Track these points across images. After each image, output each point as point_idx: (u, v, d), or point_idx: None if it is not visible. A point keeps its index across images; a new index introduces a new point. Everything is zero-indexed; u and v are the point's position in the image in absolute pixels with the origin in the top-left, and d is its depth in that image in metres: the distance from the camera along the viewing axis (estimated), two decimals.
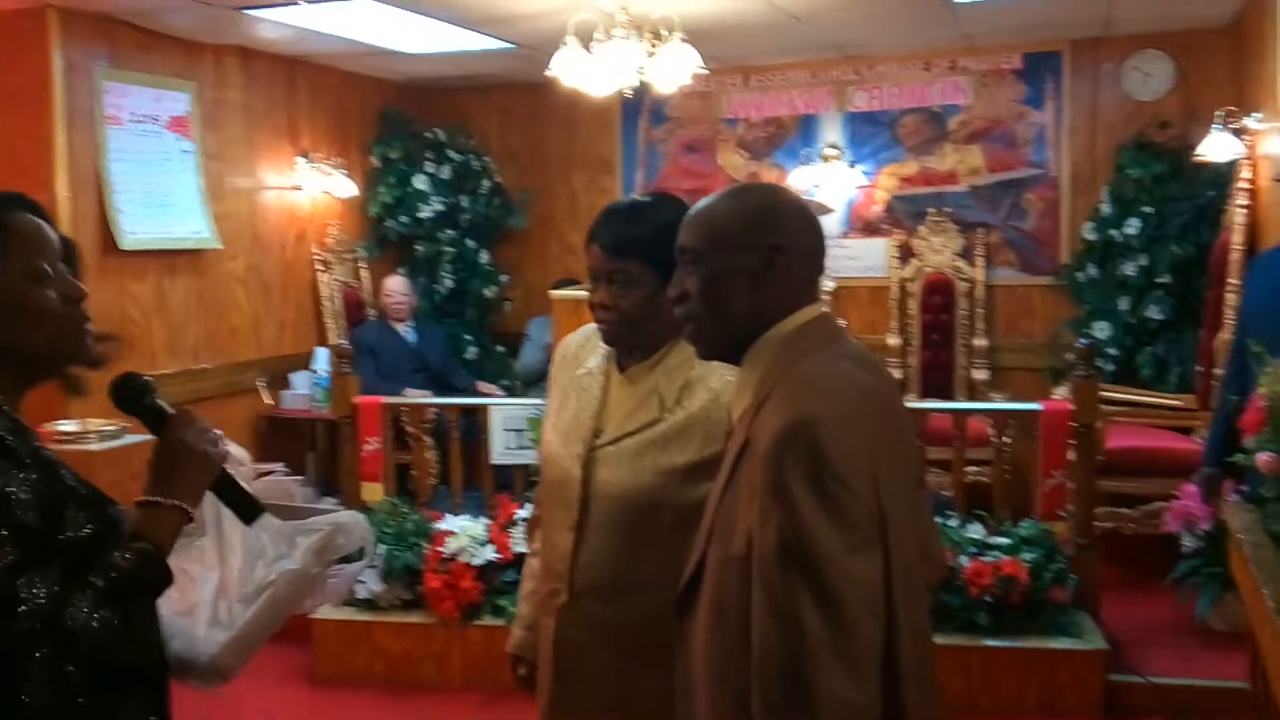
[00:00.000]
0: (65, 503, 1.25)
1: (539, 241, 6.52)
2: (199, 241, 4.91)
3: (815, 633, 1.19)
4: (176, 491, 1.31)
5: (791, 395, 1.29)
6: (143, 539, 1.27)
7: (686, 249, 1.41)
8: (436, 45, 5.15)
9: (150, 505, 1.30)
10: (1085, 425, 3.74)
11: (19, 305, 1.28)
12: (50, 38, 4.23)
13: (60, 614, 1.17)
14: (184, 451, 1.34)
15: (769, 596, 1.22)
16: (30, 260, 1.30)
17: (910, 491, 1.39)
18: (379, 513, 4.06)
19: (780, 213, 1.41)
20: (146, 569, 1.25)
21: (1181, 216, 5.25)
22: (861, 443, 1.26)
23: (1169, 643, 3.82)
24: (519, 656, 1.96)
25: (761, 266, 1.37)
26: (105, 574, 1.22)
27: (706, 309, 1.39)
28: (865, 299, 6.03)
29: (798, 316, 1.38)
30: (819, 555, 1.20)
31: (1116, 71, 5.58)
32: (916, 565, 1.35)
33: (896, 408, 1.42)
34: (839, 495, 1.22)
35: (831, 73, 6.00)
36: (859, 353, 1.42)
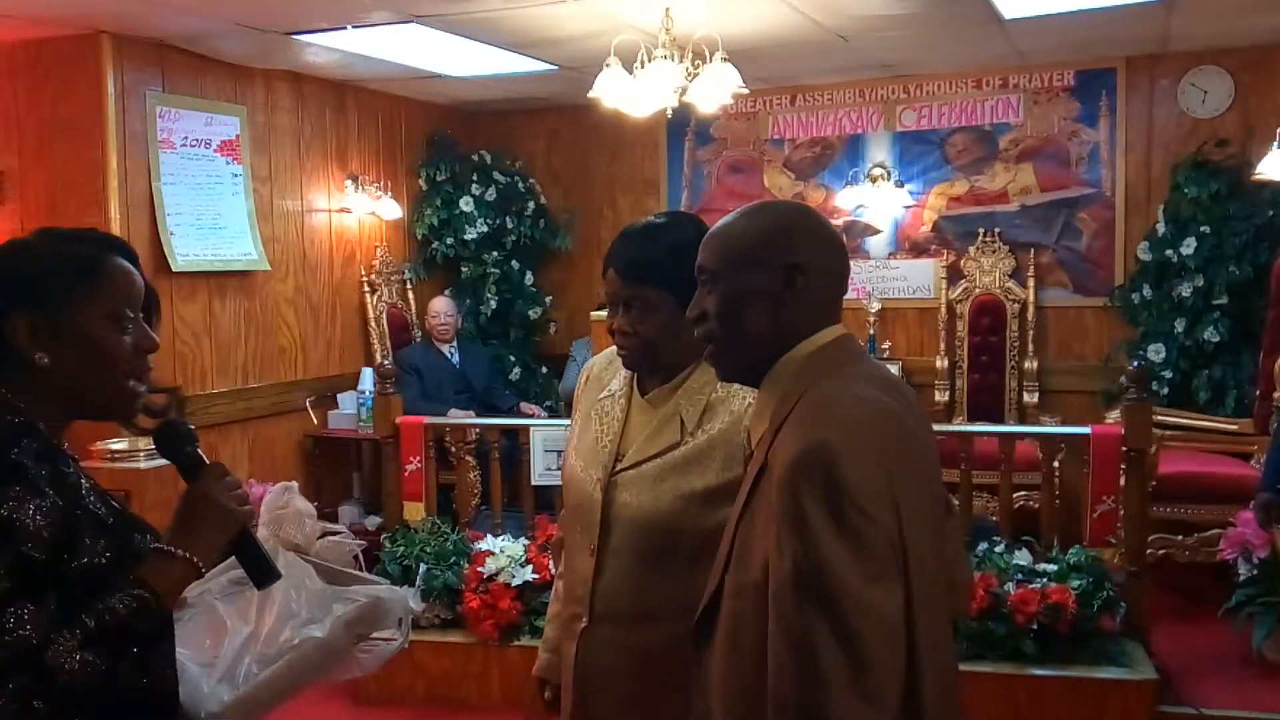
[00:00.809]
0: (82, 530, 1.24)
1: (583, 263, 6.53)
2: (248, 263, 5.00)
3: (831, 666, 1.15)
4: (192, 544, 1.30)
5: (809, 419, 1.26)
6: (146, 586, 1.26)
7: (705, 269, 1.40)
8: (481, 68, 5.21)
9: (163, 553, 1.30)
10: (1137, 450, 3.66)
11: (93, 345, 1.31)
12: (104, 63, 4.35)
13: (42, 650, 1.16)
14: (207, 504, 1.34)
15: (784, 628, 1.19)
16: (114, 304, 1.33)
17: (934, 518, 1.34)
18: (420, 532, 4.09)
19: (800, 231, 1.38)
20: (141, 617, 1.23)
21: (1240, 236, 5.12)
22: (880, 469, 1.23)
23: (1222, 674, 3.71)
24: (544, 679, 1.96)
25: (780, 286, 1.34)
26: (98, 616, 1.20)
27: (725, 329, 1.37)
28: (913, 320, 5.96)
29: (818, 337, 1.35)
30: (836, 585, 1.17)
31: (1173, 88, 5.46)
32: (940, 595, 1.31)
33: (919, 432, 1.37)
34: (857, 523, 1.18)
35: (879, 91, 5.95)
36: (881, 375, 1.39)
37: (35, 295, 1.29)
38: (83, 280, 1.31)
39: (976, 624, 3.47)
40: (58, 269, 1.31)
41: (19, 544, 1.17)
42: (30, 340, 1.28)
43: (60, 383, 1.30)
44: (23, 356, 1.28)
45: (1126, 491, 3.67)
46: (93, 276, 1.32)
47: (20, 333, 1.28)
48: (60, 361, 1.29)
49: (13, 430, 1.25)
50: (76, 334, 1.30)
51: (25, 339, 1.28)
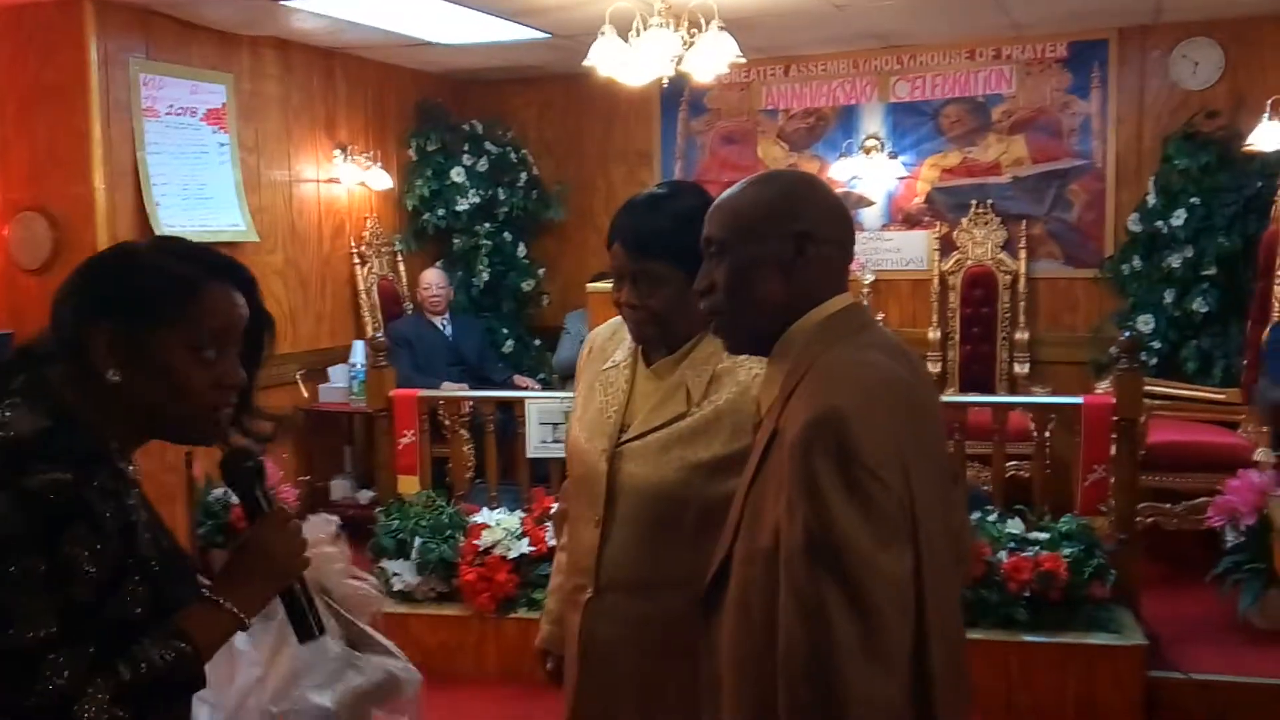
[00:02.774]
0: (129, 576, 1.19)
1: (577, 234, 6.51)
2: (236, 234, 4.95)
3: (843, 630, 1.16)
4: (241, 596, 1.26)
5: (819, 386, 1.26)
6: (188, 639, 1.20)
7: (713, 240, 1.39)
8: (472, 36, 5.15)
9: (209, 603, 1.25)
10: (1127, 419, 3.68)
11: (166, 372, 1.25)
12: (86, 30, 4.27)
13: (74, 702, 1.11)
14: (264, 554, 1.29)
15: (795, 592, 1.19)
16: (199, 334, 1.26)
17: (942, 486, 1.35)
18: (415, 505, 4.09)
19: (807, 199, 1.38)
20: (179, 672, 1.19)
21: (1229, 208, 5.13)
22: (891, 434, 1.23)
23: (1210, 639, 3.76)
24: (547, 651, 1.96)
25: (790, 255, 1.34)
26: (134, 668, 1.15)
27: (734, 301, 1.36)
28: (906, 292, 5.97)
29: (827, 306, 1.35)
30: (847, 550, 1.17)
31: (1164, 60, 5.46)
32: (948, 560, 1.32)
33: (928, 400, 1.38)
34: (868, 488, 1.19)
35: (873, 62, 5.92)
36: (890, 342, 1.39)
37: (122, 309, 1.24)
38: (174, 303, 1.24)
39: (970, 592, 3.50)
40: (152, 286, 1.24)
41: (72, 589, 1.13)
42: (105, 354, 1.23)
43: (130, 402, 1.24)
44: (96, 369, 1.23)
45: (1116, 460, 3.70)
46: (186, 301, 1.25)
47: (97, 345, 1.23)
48: (131, 382, 1.23)
49: (88, 458, 1.18)
50: (152, 357, 1.24)
51: (101, 352, 1.23)
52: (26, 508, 1.11)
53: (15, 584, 1.09)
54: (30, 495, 1.11)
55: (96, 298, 1.25)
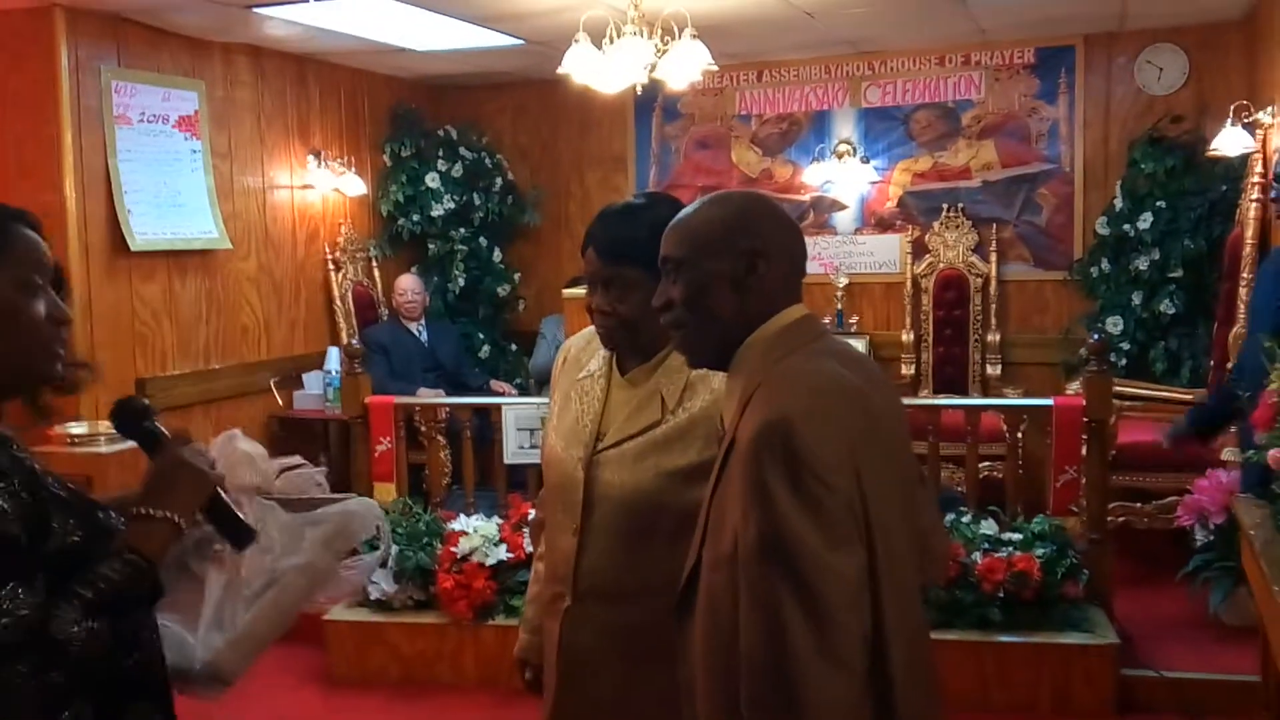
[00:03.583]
0: (50, 512, 1.25)
1: (552, 239, 6.52)
2: (209, 241, 4.93)
3: (797, 629, 1.20)
4: (168, 505, 1.31)
5: (771, 395, 1.31)
6: (134, 551, 1.27)
7: (669, 258, 1.43)
8: (446, 42, 5.15)
9: (141, 518, 1.30)
10: (1098, 420, 3.73)
11: (9, 313, 1.28)
12: (58, 37, 4.25)
13: (46, 625, 1.18)
14: (179, 468, 1.34)
15: (752, 594, 1.24)
16: (24, 271, 1.30)
17: (902, 488, 1.38)
18: (392, 513, 4.08)
19: (758, 217, 1.42)
20: (136, 581, 1.26)
21: (1194, 211, 5.22)
22: (840, 439, 1.27)
23: (1181, 637, 3.81)
24: (525, 660, 1.97)
25: (742, 271, 1.38)
26: (93, 585, 1.22)
27: (692, 316, 1.41)
28: (879, 295, 6.02)
29: (781, 318, 1.40)
30: (798, 552, 1.22)
31: (1130, 66, 5.55)
32: (907, 562, 1.35)
33: (883, 405, 1.41)
34: (817, 492, 1.23)
35: (845, 68, 5.98)
36: (842, 350, 1.44)
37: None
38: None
39: (945, 593, 3.54)
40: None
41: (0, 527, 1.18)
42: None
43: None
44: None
45: (1087, 461, 3.74)
46: (3, 244, 1.29)
47: None
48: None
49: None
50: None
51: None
52: None
53: None
54: None
55: None
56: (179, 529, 1.32)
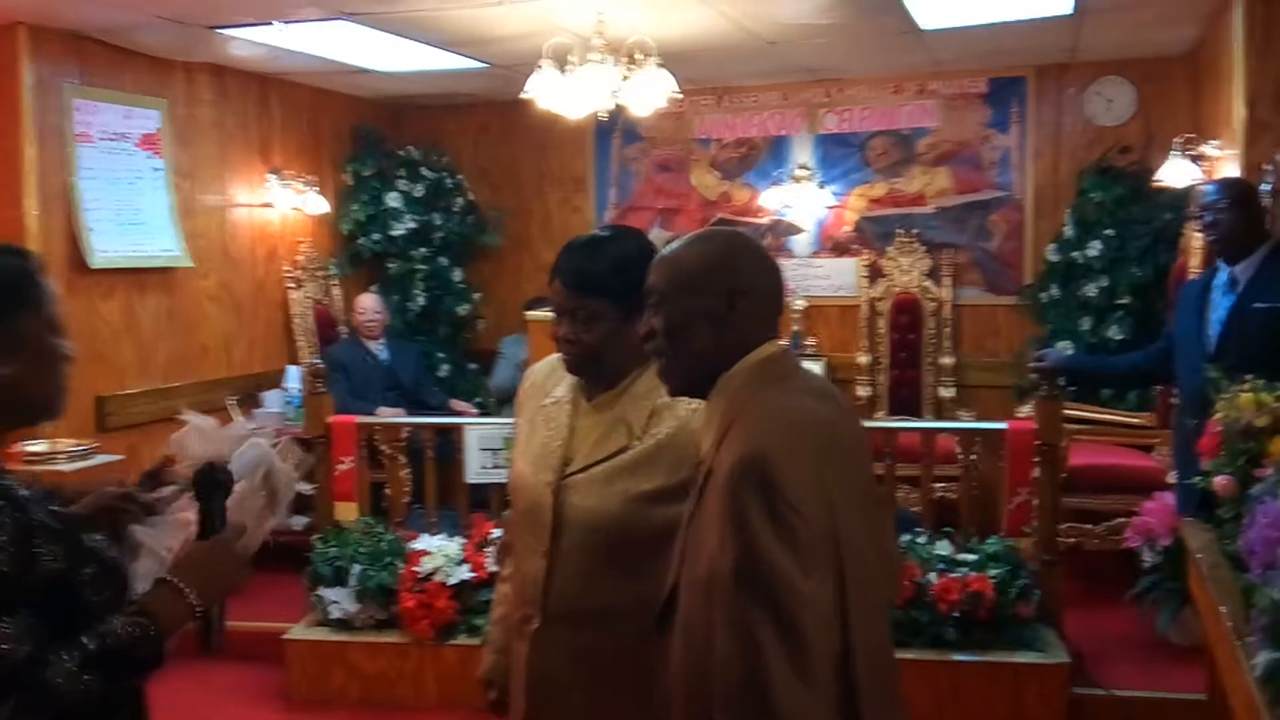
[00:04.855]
0: (37, 540, 1.26)
1: (512, 259, 6.55)
2: (170, 259, 4.89)
3: (771, 650, 1.26)
4: (199, 588, 1.35)
5: (748, 429, 1.37)
6: (150, 615, 1.29)
7: (654, 290, 1.50)
8: (410, 64, 5.18)
9: (169, 587, 1.33)
10: (1049, 444, 3.81)
11: (44, 352, 1.34)
12: (20, 54, 4.22)
13: (40, 668, 1.18)
14: (225, 559, 1.40)
15: (728, 617, 1.30)
16: (51, 312, 1.37)
17: (869, 511, 1.46)
18: (353, 532, 4.07)
19: (740, 258, 1.49)
20: (141, 648, 1.27)
21: (1141, 239, 5.37)
22: (814, 471, 1.34)
23: (1130, 656, 3.89)
24: (489, 680, 1.99)
25: (723, 309, 1.45)
26: (100, 639, 1.24)
27: (672, 347, 1.48)
28: (835, 318, 6.12)
29: (757, 353, 1.46)
30: (773, 578, 1.28)
31: (1079, 97, 5.71)
32: (875, 583, 1.42)
33: (853, 436, 1.49)
34: (792, 522, 1.29)
35: (803, 95, 6.09)
36: (815, 385, 1.51)
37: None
38: (26, 291, 1.34)
39: (901, 612, 3.60)
40: (10, 280, 1.33)
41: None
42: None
43: (14, 392, 1.31)
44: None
45: (1039, 484, 3.81)
46: (34, 290, 1.35)
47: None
48: (14, 370, 1.31)
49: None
50: (29, 344, 1.32)
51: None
52: None
53: None
54: None
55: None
56: (194, 614, 1.35)
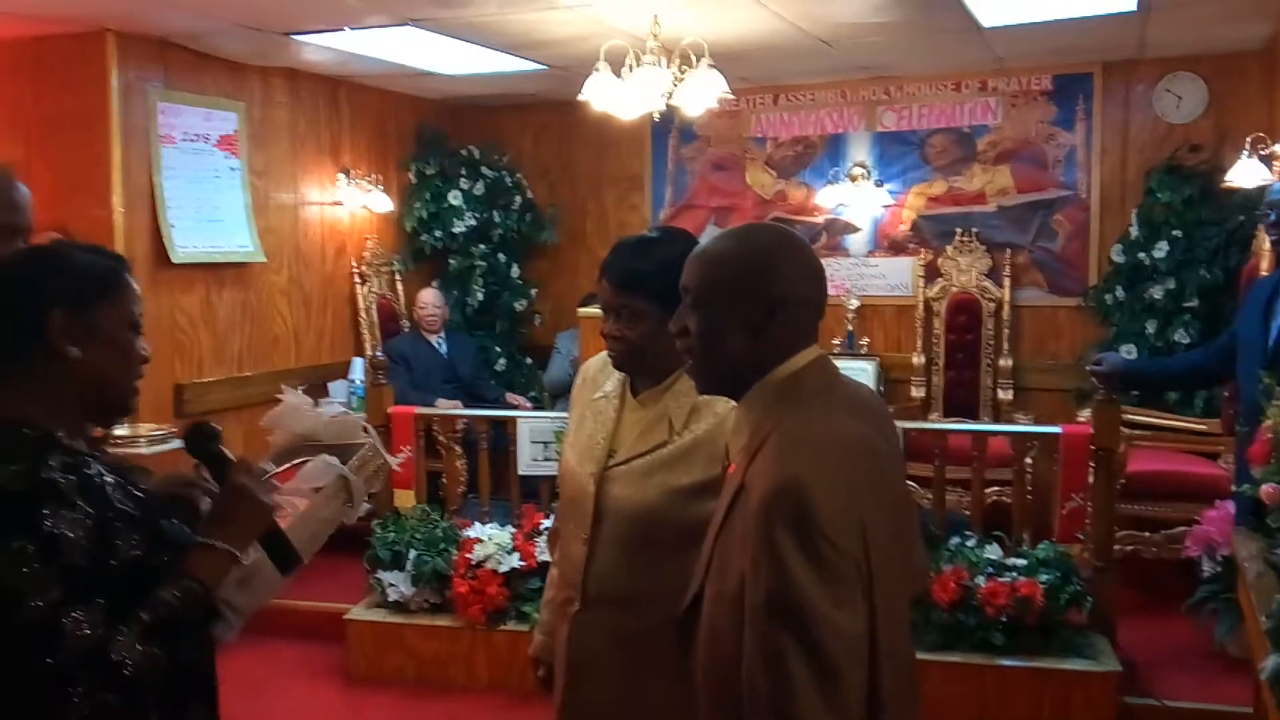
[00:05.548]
0: (115, 530, 1.34)
1: (569, 256, 6.64)
2: (245, 255, 5.08)
3: (802, 680, 1.26)
4: (229, 536, 1.43)
5: (784, 451, 1.34)
6: (193, 577, 1.38)
7: (688, 289, 1.46)
8: (472, 67, 5.29)
9: (204, 546, 1.42)
10: (1105, 449, 3.75)
11: (117, 345, 1.44)
12: (108, 61, 4.43)
13: (105, 646, 1.27)
14: (241, 497, 1.46)
15: (760, 645, 1.29)
16: (131, 313, 1.46)
17: (898, 526, 1.44)
18: (410, 519, 4.20)
19: (782, 262, 1.42)
20: (192, 606, 1.37)
21: (1211, 241, 5.24)
22: (849, 499, 1.32)
23: (1185, 667, 3.83)
24: (539, 659, 2.09)
25: (761, 318, 1.40)
26: (152, 609, 1.33)
27: (704, 350, 1.44)
28: (891, 317, 6.09)
29: (795, 361, 1.41)
30: (806, 610, 1.27)
31: (1148, 94, 5.58)
32: (902, 605, 1.42)
33: (887, 451, 1.47)
34: (826, 554, 1.28)
35: (860, 92, 6.06)
36: (853, 396, 1.47)
37: (71, 295, 1.40)
38: (109, 287, 1.44)
39: (948, 615, 3.59)
40: (89, 274, 1.43)
41: (63, 556, 1.27)
42: (64, 334, 1.38)
43: (85, 378, 1.40)
44: (56, 349, 1.38)
45: (1094, 489, 3.76)
46: (115, 286, 1.45)
47: (56, 327, 1.38)
48: (89, 357, 1.40)
49: (37, 447, 1.34)
50: (103, 334, 1.42)
51: (59, 333, 1.38)
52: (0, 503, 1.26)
53: (11, 564, 1.24)
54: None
55: (47, 289, 1.40)
56: (235, 558, 1.44)
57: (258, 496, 1.47)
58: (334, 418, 1.74)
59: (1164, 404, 5.23)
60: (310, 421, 1.69)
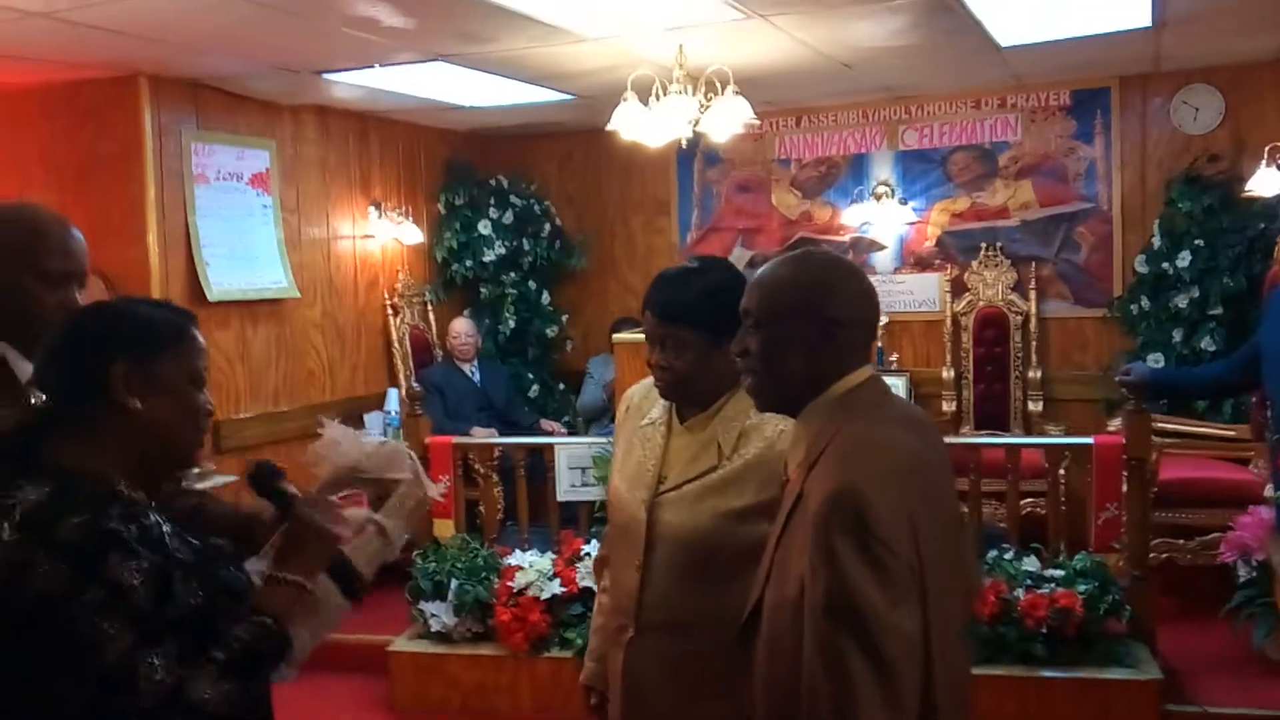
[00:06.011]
0: (175, 578, 1.37)
1: (598, 281, 6.72)
2: (279, 291, 5.18)
3: (860, 678, 1.32)
4: (295, 567, 1.49)
5: (841, 460, 1.43)
6: (263, 612, 1.43)
7: (750, 312, 1.55)
8: (500, 99, 5.38)
9: (273, 580, 1.48)
10: (1138, 458, 3.78)
11: (178, 399, 1.46)
12: (142, 103, 4.54)
13: (184, 688, 1.32)
14: (306, 530, 1.51)
15: (819, 646, 1.36)
16: (195, 367, 1.49)
17: (950, 538, 1.51)
18: (451, 548, 4.25)
19: (837, 286, 1.52)
20: (265, 641, 1.41)
21: (1233, 249, 5.27)
22: (902, 506, 1.39)
23: (1225, 672, 3.85)
24: (590, 687, 2.12)
25: (819, 338, 1.49)
26: (227, 648, 1.37)
27: (765, 369, 1.53)
28: (919, 333, 6.13)
29: (849, 379, 1.51)
30: (864, 611, 1.34)
31: (1165, 106, 5.62)
32: (955, 608, 1.49)
33: (937, 464, 1.54)
34: (882, 557, 1.35)
35: (882, 112, 6.13)
36: (904, 413, 1.56)
37: (134, 347, 1.43)
38: (173, 341, 1.47)
39: (988, 629, 3.62)
40: (153, 327, 1.47)
41: (132, 604, 1.31)
42: (125, 386, 1.41)
43: (145, 430, 1.43)
44: (118, 401, 1.40)
45: (1128, 498, 3.79)
46: (180, 340, 1.48)
47: (118, 378, 1.41)
48: (150, 409, 1.43)
49: (101, 499, 1.35)
50: (165, 387, 1.44)
51: (122, 385, 1.41)
52: (65, 555, 1.28)
53: (87, 616, 1.28)
54: (63, 545, 1.30)
55: (111, 340, 1.43)
56: (304, 589, 1.49)
57: (323, 526, 1.51)
58: (377, 447, 1.77)
59: (1192, 411, 5.24)
60: (354, 453, 1.72)
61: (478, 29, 3.98)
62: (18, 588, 1.28)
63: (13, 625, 1.29)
